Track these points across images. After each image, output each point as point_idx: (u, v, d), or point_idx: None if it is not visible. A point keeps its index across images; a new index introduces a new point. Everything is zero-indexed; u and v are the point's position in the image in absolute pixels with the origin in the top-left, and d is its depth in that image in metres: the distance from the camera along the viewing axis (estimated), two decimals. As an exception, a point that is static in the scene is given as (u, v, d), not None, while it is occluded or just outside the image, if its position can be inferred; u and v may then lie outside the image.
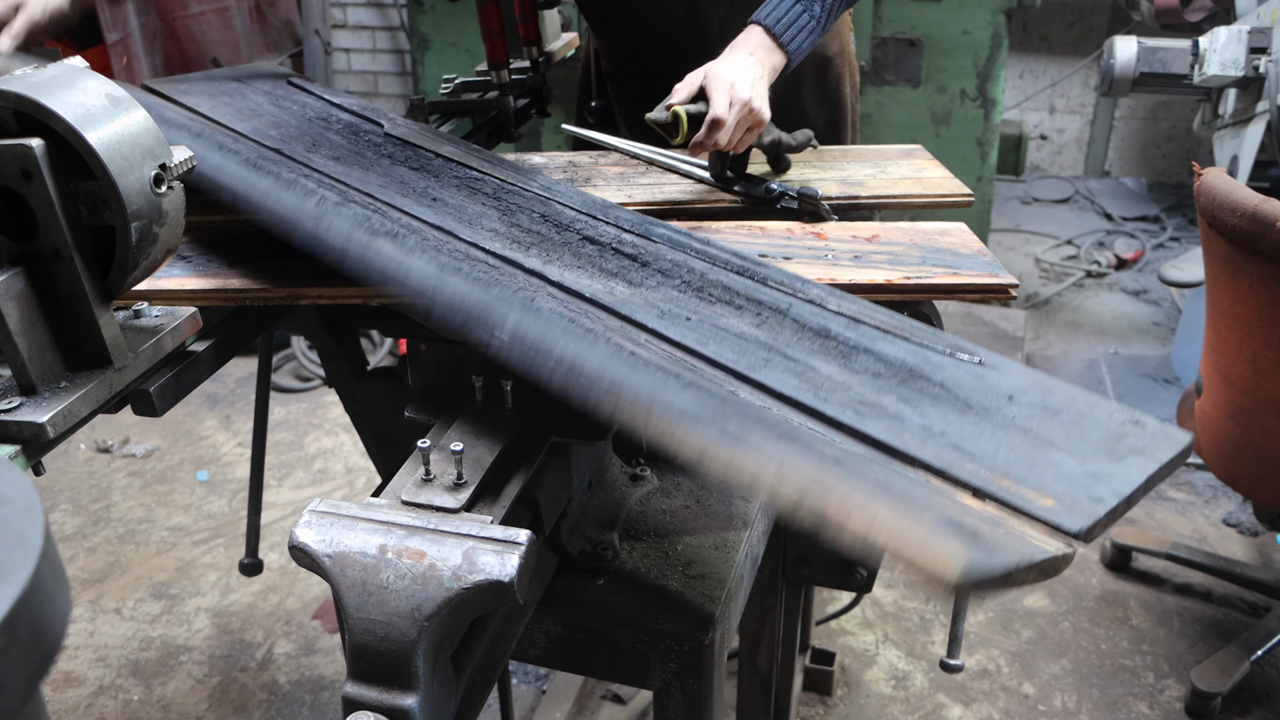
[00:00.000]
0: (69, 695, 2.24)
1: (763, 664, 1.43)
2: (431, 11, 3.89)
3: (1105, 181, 5.26)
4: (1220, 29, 2.54)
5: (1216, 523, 2.77)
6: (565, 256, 1.16)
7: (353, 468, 3.07)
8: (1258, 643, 2.19)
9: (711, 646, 0.97)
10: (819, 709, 2.19)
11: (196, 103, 1.53)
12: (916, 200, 1.44)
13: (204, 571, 2.63)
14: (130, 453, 3.15)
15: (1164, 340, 3.82)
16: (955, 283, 1.19)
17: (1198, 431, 2.06)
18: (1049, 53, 5.04)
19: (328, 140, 1.44)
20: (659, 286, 1.11)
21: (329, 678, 2.29)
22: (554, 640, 1.03)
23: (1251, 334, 1.79)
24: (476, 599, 0.78)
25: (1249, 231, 1.66)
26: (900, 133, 3.51)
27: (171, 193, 0.86)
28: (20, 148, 0.79)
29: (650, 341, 0.98)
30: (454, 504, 0.86)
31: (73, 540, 2.75)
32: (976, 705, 2.19)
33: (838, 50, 1.81)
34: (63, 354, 0.88)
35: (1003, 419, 0.93)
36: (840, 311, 1.08)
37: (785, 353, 1.00)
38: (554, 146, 3.73)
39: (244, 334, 1.12)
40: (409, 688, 0.79)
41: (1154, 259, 4.50)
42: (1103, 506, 0.82)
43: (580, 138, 1.68)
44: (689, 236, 1.22)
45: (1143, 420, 0.93)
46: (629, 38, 1.77)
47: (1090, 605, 2.48)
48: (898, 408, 0.93)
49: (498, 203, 1.29)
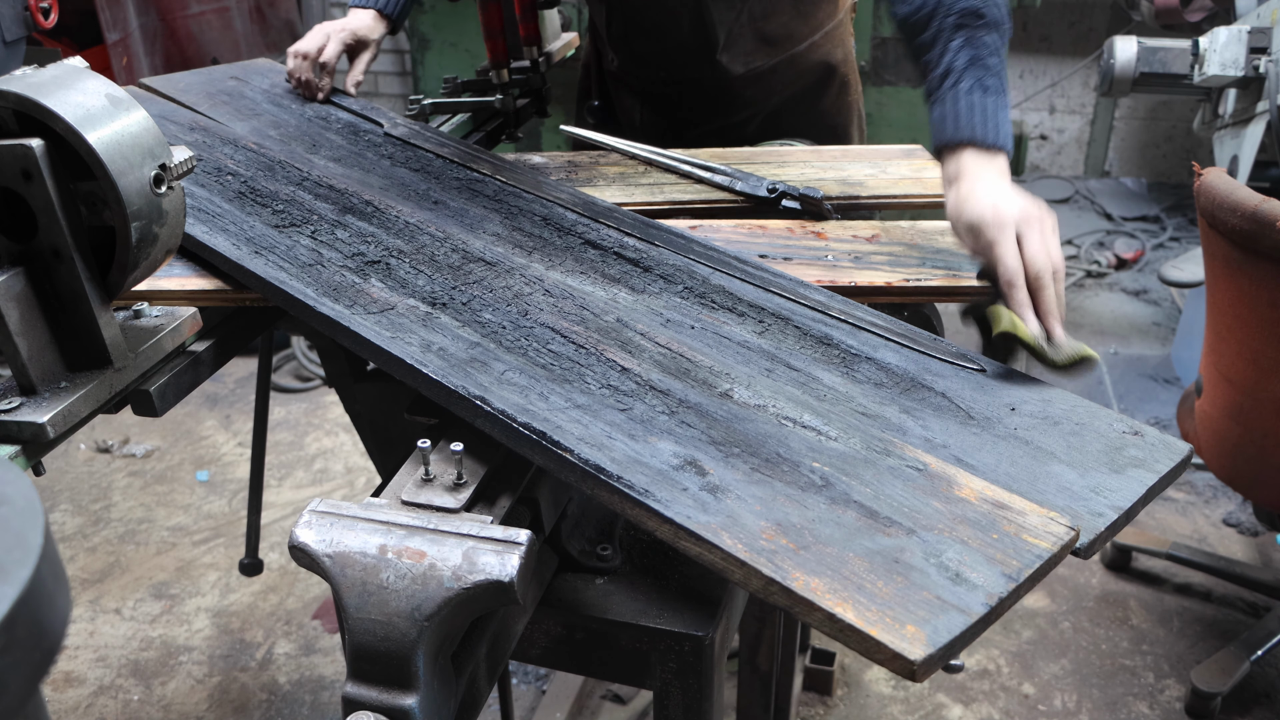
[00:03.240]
0: (69, 695, 2.24)
1: (763, 664, 1.43)
2: (431, 11, 3.89)
3: (1105, 181, 5.26)
4: (1220, 29, 2.54)
5: (1216, 523, 2.77)
6: (568, 262, 1.16)
7: (353, 468, 3.07)
8: (1258, 643, 2.19)
9: (711, 646, 0.97)
10: (819, 709, 2.19)
11: (196, 101, 1.53)
12: (916, 200, 1.44)
13: (204, 571, 2.63)
14: (130, 453, 3.15)
15: (1164, 340, 3.82)
16: (955, 285, 1.19)
17: (1198, 431, 2.06)
18: (1049, 53, 5.04)
19: (328, 141, 1.44)
20: (661, 293, 1.11)
21: (329, 678, 2.29)
22: (554, 640, 1.03)
23: (1251, 334, 1.79)
24: (476, 599, 0.78)
25: (1249, 231, 1.65)
26: (900, 133, 3.51)
27: (171, 193, 0.86)
28: (20, 148, 0.79)
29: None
30: (454, 504, 0.86)
31: (73, 540, 2.75)
32: (976, 705, 2.19)
33: (842, 58, 1.81)
34: (63, 354, 0.88)
35: (1004, 430, 0.93)
36: (843, 318, 1.09)
37: (789, 362, 1.00)
38: (554, 146, 3.73)
39: (244, 334, 1.12)
40: (409, 688, 0.79)
41: (1154, 259, 4.50)
42: (1103, 521, 0.83)
43: (580, 138, 1.68)
44: (690, 239, 1.22)
45: (1142, 430, 0.94)
46: (636, 45, 1.77)
47: (1090, 605, 2.48)
48: (900, 419, 0.93)
49: (499, 205, 1.29)
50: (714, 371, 0.97)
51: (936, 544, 0.76)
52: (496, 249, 1.17)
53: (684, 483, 0.82)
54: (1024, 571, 0.74)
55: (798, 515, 0.79)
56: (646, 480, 0.82)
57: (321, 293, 1.04)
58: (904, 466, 0.85)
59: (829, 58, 1.78)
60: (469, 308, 1.04)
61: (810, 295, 1.11)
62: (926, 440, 0.91)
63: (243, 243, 1.12)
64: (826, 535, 0.77)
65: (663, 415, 0.90)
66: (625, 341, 1.00)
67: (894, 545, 0.76)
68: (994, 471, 0.87)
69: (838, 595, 0.71)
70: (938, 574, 0.73)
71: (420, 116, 1.70)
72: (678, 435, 0.88)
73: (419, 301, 1.05)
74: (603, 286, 1.11)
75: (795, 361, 1.00)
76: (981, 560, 0.74)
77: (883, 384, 0.98)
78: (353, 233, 1.17)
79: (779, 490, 0.81)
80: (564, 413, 0.89)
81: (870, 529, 0.78)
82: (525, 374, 0.94)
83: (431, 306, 1.04)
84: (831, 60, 1.79)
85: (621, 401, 0.92)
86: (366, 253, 1.13)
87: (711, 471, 0.83)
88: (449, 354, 0.96)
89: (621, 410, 0.90)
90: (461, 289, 1.07)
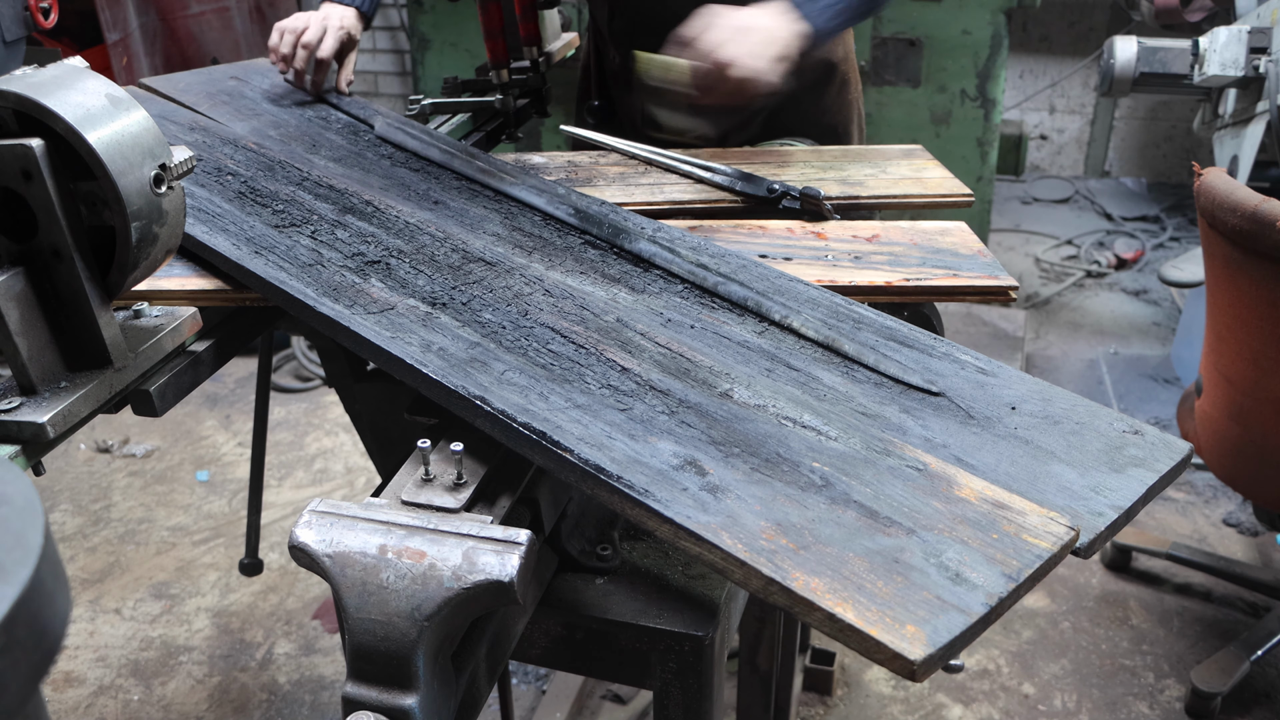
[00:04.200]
0: (69, 695, 2.24)
1: (763, 664, 1.43)
2: (431, 11, 3.89)
3: (1105, 181, 5.26)
4: (1220, 29, 2.54)
5: (1216, 523, 2.77)
6: (568, 262, 1.16)
7: (353, 468, 3.07)
8: (1258, 643, 2.19)
9: (711, 646, 0.97)
10: (819, 709, 2.19)
11: (196, 101, 1.53)
12: (916, 200, 1.44)
13: (204, 571, 2.63)
14: (130, 453, 3.15)
15: (1164, 340, 3.82)
16: (955, 285, 1.19)
17: (1198, 431, 2.06)
18: (1049, 53, 5.04)
19: (328, 140, 1.44)
20: (661, 293, 1.11)
21: (329, 678, 2.29)
22: (554, 640, 1.03)
23: (1251, 334, 1.79)
24: (476, 599, 0.78)
25: (1249, 231, 1.66)
26: (900, 133, 3.51)
27: (171, 193, 0.86)
28: (20, 148, 0.79)
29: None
30: (454, 504, 0.86)
31: (73, 540, 2.75)
32: (976, 705, 2.19)
33: (843, 55, 1.82)
34: (63, 354, 0.88)
35: (1004, 429, 0.93)
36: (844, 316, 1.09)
37: (788, 362, 1.00)
38: (554, 146, 3.73)
39: (244, 334, 1.12)
40: (409, 688, 0.79)
41: (1154, 259, 4.50)
42: (1103, 520, 0.83)
43: (580, 138, 1.68)
44: (687, 237, 1.22)
45: (1142, 430, 0.94)
46: (640, 42, 1.78)
47: (1090, 605, 2.48)
48: (900, 419, 0.93)
49: (499, 205, 1.29)
50: (714, 371, 0.97)
51: (936, 544, 0.76)
52: (497, 249, 1.17)
53: (684, 483, 0.82)
54: (1024, 571, 0.74)
55: (798, 515, 0.79)
56: (646, 480, 0.82)
57: (321, 293, 1.04)
58: (904, 466, 0.85)
59: (829, 55, 1.78)
60: (469, 308, 1.04)
61: (808, 293, 1.11)
62: (926, 440, 0.91)
63: (243, 243, 1.12)
64: (826, 535, 0.77)
65: (663, 415, 0.90)
66: (625, 341, 1.01)
67: (894, 545, 0.76)
68: (994, 471, 0.87)
69: (838, 595, 0.71)
70: (938, 574, 0.73)
71: (420, 116, 1.70)
72: (678, 435, 0.88)
73: (419, 301, 1.05)
74: (603, 286, 1.11)
75: (795, 361, 1.00)
76: (981, 560, 0.74)
77: (883, 384, 0.99)
78: (353, 233, 1.17)
79: (779, 490, 0.81)
80: (564, 413, 0.89)
81: (870, 529, 0.78)
82: (525, 374, 0.94)
83: (431, 306, 1.04)
84: (832, 58, 1.79)
85: (621, 401, 0.92)
86: (366, 253, 1.13)
87: (711, 471, 0.83)
88: (449, 354, 0.96)
89: (621, 410, 0.90)
90: (461, 289, 1.07)
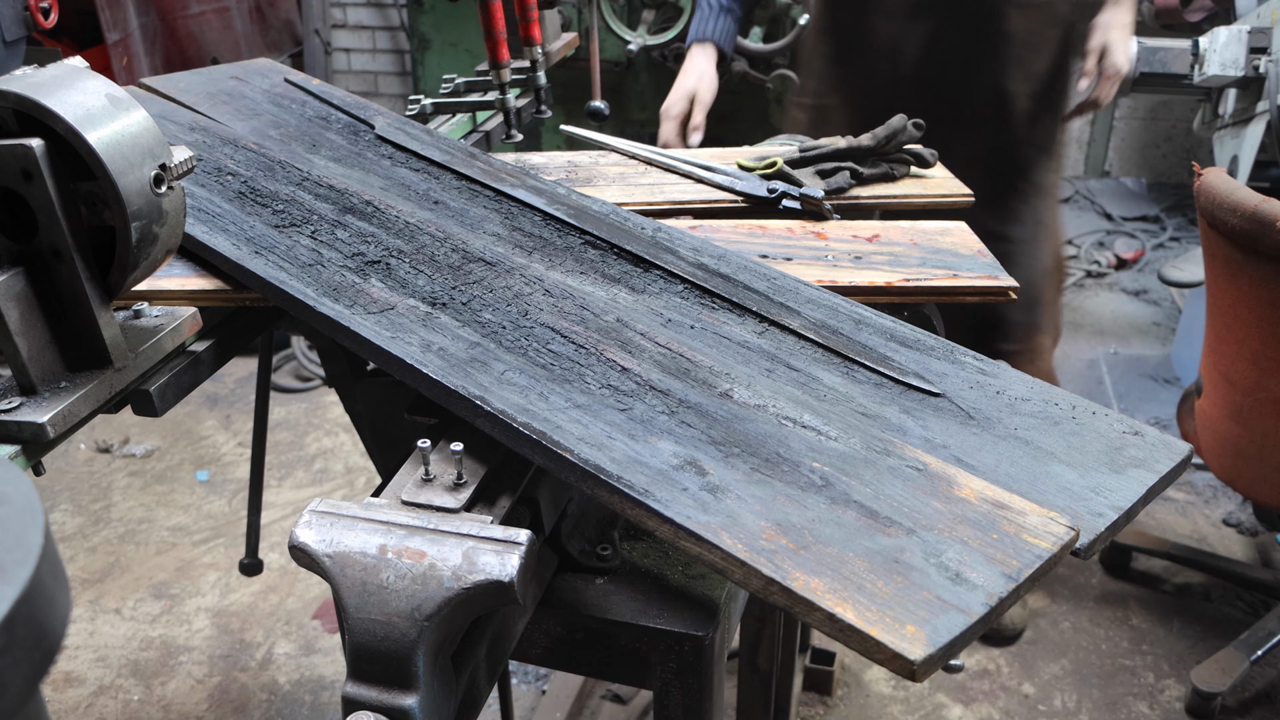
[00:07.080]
0: (69, 695, 2.24)
1: (763, 664, 1.43)
2: (431, 11, 3.89)
3: (1105, 181, 5.26)
4: (1220, 29, 2.54)
5: (1216, 523, 2.77)
6: (568, 262, 1.16)
7: (353, 468, 3.07)
8: (1258, 643, 2.19)
9: (711, 646, 0.97)
10: (819, 709, 2.19)
11: (196, 101, 1.53)
12: (917, 201, 1.44)
13: (204, 571, 2.63)
14: (130, 453, 3.15)
15: (1164, 340, 3.82)
16: (955, 285, 1.19)
17: (1198, 431, 2.06)
18: (1049, 53, 5.03)
19: (328, 141, 1.44)
20: (661, 293, 1.11)
21: (329, 678, 2.29)
22: (554, 640, 1.03)
23: (1251, 334, 1.79)
24: (476, 599, 0.78)
25: (1249, 231, 1.66)
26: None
27: (171, 193, 0.86)
28: (20, 148, 0.79)
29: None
30: (454, 504, 0.86)
31: (73, 540, 2.75)
32: (976, 705, 2.19)
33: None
34: (63, 354, 0.88)
35: (1004, 430, 0.93)
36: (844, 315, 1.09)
37: (789, 362, 1.00)
38: (554, 146, 3.72)
39: (244, 334, 1.12)
40: (409, 688, 0.79)
41: (1154, 259, 4.50)
42: (1103, 521, 0.83)
43: (580, 138, 1.68)
44: (688, 237, 1.22)
45: (1142, 430, 0.94)
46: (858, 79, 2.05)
47: (1090, 605, 2.48)
48: (900, 419, 0.93)
49: (499, 205, 1.29)
50: (714, 371, 0.97)
51: (936, 544, 0.76)
52: (497, 249, 1.17)
53: (684, 483, 0.82)
54: (1024, 571, 0.74)
55: (798, 515, 0.79)
56: (646, 480, 0.82)
57: (321, 293, 1.04)
58: (904, 466, 0.85)
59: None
60: (469, 308, 1.04)
61: (808, 293, 1.11)
62: (926, 440, 0.91)
63: (243, 243, 1.12)
64: (826, 535, 0.77)
65: (663, 415, 0.90)
66: (625, 341, 1.00)
67: (894, 545, 0.76)
68: (994, 471, 0.87)
69: (838, 595, 0.71)
70: (938, 574, 0.73)
71: (420, 117, 1.70)
72: (678, 435, 0.88)
73: (419, 301, 1.05)
74: (603, 286, 1.11)
75: (795, 361, 1.00)
76: (981, 560, 0.74)
77: (883, 384, 0.99)
78: (353, 233, 1.17)
79: (779, 490, 0.81)
80: (564, 413, 0.89)
81: (870, 529, 0.78)
82: (525, 374, 0.94)
83: (431, 306, 1.04)
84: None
85: (621, 401, 0.92)
86: (366, 253, 1.13)
87: (711, 471, 0.83)
88: (449, 354, 0.96)
89: (621, 410, 0.90)
90: (461, 289, 1.07)
